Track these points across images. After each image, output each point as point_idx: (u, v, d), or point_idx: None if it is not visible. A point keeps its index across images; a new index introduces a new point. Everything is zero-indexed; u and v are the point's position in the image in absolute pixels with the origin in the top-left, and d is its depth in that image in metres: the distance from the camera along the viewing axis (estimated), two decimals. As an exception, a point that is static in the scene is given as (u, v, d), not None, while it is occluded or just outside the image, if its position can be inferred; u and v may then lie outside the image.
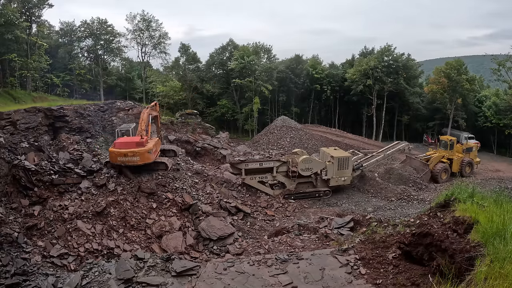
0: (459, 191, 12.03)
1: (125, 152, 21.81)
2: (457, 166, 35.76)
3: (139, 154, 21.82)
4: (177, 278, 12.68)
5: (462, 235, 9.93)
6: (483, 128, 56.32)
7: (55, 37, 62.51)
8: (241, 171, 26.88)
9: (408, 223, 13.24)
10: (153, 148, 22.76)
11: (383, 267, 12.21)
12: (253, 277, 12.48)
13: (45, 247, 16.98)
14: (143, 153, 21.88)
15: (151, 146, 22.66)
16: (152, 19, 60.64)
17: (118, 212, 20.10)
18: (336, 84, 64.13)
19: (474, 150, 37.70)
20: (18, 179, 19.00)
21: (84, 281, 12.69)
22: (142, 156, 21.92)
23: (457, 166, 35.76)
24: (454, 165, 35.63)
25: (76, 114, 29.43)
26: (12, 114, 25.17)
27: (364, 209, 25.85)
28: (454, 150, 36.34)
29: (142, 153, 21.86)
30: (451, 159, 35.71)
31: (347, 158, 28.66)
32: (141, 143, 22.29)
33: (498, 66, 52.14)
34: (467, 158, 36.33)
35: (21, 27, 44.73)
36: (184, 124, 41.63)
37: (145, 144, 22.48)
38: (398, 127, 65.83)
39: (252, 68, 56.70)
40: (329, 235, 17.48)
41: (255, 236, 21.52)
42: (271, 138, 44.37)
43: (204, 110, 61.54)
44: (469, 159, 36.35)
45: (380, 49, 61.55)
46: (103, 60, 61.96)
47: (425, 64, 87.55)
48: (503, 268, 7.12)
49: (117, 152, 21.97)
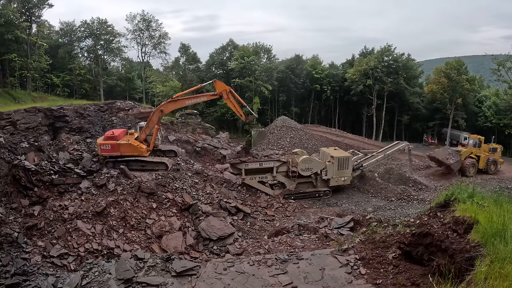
0: (459, 191, 12.03)
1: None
2: (483, 163, 37.44)
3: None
4: (177, 278, 12.67)
5: (462, 235, 9.92)
6: (483, 128, 56.31)
7: (55, 37, 62.45)
8: (241, 171, 26.88)
9: (408, 223, 13.23)
10: (101, 146, 24.54)
11: (383, 267, 12.20)
12: (253, 277, 12.47)
13: (45, 247, 16.98)
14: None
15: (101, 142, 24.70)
16: (152, 19, 60.74)
17: (118, 212, 20.09)
18: (336, 84, 64.14)
19: (499, 151, 39.57)
20: (18, 179, 19.00)
21: (84, 281, 12.69)
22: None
23: (483, 163, 37.44)
24: (481, 162, 37.34)
25: (76, 114, 29.40)
26: (12, 114, 25.16)
27: (364, 209, 25.84)
28: (481, 148, 38.19)
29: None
30: (479, 156, 37.40)
31: (347, 158, 28.65)
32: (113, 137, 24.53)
33: (498, 66, 52.15)
34: (492, 157, 38.04)
35: (21, 27, 44.75)
36: (184, 124, 41.61)
37: (117, 138, 24.51)
38: (398, 127, 65.84)
39: (252, 68, 56.72)
40: (329, 235, 17.46)
41: (255, 236, 21.51)
42: (271, 138, 44.37)
43: (204, 110, 61.51)
44: (494, 158, 38.13)
45: (380, 49, 61.62)
46: (103, 60, 61.95)
47: (425, 64, 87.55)
48: (503, 268, 7.13)
49: None
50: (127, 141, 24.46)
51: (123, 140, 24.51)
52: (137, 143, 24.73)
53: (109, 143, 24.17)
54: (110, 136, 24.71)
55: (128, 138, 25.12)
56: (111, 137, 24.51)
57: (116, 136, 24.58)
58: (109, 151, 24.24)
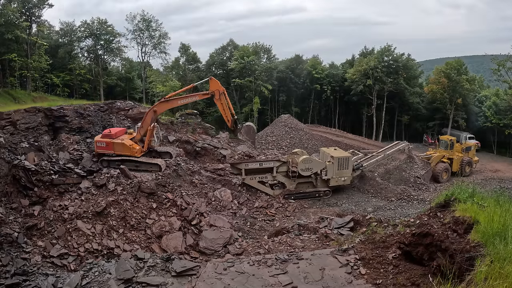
0: (459, 191, 12.02)
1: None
2: (457, 166, 35.96)
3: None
4: (177, 278, 12.68)
5: (462, 235, 9.92)
6: (483, 128, 56.30)
7: (55, 37, 62.42)
8: (241, 171, 26.87)
9: (408, 223, 13.23)
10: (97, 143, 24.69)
11: (383, 267, 12.20)
12: (253, 277, 12.47)
13: (45, 247, 16.98)
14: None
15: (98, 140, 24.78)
16: (152, 19, 60.75)
17: (118, 212, 20.07)
18: (336, 84, 64.16)
19: (473, 149, 38.02)
20: (18, 179, 19.00)
21: (84, 281, 12.69)
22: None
23: (457, 166, 35.96)
24: (454, 164, 35.81)
25: (76, 114, 29.34)
26: (12, 114, 25.10)
27: (364, 209, 25.82)
28: (454, 150, 36.50)
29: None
30: (451, 158, 35.83)
31: (347, 158, 28.64)
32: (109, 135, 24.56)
33: (498, 66, 52.13)
34: (466, 157, 36.49)
35: (21, 27, 44.67)
36: (184, 124, 41.56)
37: (113, 137, 24.53)
38: (398, 127, 65.83)
39: (252, 68, 56.75)
40: (329, 235, 17.45)
41: (255, 236, 21.51)
42: (270, 138, 44.37)
43: (204, 110, 61.53)
44: (468, 158, 36.54)
45: (380, 49, 61.66)
46: (103, 60, 61.88)
47: (425, 64, 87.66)
48: (503, 268, 7.12)
49: None
50: (120, 140, 24.42)
51: (117, 139, 24.49)
52: (131, 143, 24.64)
53: (105, 141, 24.29)
54: (106, 134, 24.80)
55: (123, 137, 25.02)
56: (107, 135, 24.60)
57: (112, 134, 24.62)
58: (103, 148, 24.35)
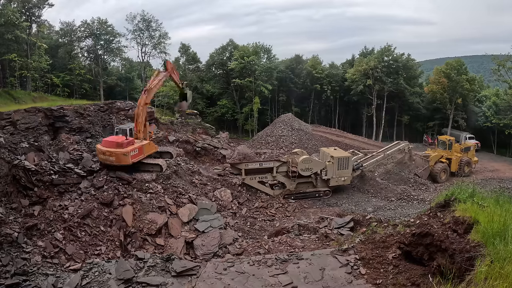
0: (459, 191, 12.03)
1: (104, 150, 22.32)
2: (456, 166, 35.86)
3: (115, 155, 22.04)
4: (177, 278, 12.68)
5: (462, 235, 9.92)
6: (483, 128, 56.23)
7: (55, 37, 62.40)
8: (241, 171, 26.87)
9: (408, 223, 13.23)
10: (131, 152, 22.32)
11: (383, 267, 12.20)
12: (253, 277, 12.47)
13: (45, 247, 16.97)
14: (119, 154, 22.01)
15: (130, 149, 22.32)
16: (152, 19, 60.75)
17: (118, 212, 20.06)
18: (336, 84, 64.10)
19: (472, 149, 37.85)
20: (18, 179, 18.99)
21: (84, 281, 12.69)
22: (117, 157, 22.05)
23: (456, 166, 35.86)
24: (453, 164, 35.73)
25: (76, 114, 29.36)
26: (12, 114, 25.10)
27: (364, 209, 25.84)
28: (452, 150, 36.41)
29: (117, 154, 22.01)
30: (450, 158, 35.75)
31: (347, 158, 28.65)
32: (120, 145, 22.33)
33: (498, 66, 52.09)
34: (465, 157, 36.37)
35: (21, 27, 44.65)
36: (184, 124, 41.63)
37: (125, 146, 22.37)
38: (398, 127, 65.77)
39: (252, 68, 56.72)
40: (329, 235, 17.47)
41: (255, 236, 21.52)
42: (270, 138, 44.36)
43: (204, 110, 61.50)
44: (467, 159, 36.40)
45: (380, 49, 61.61)
46: (103, 60, 61.87)
47: (425, 64, 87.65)
48: (503, 268, 7.12)
49: (99, 149, 22.76)
50: (144, 141, 24.11)
51: (139, 142, 23.64)
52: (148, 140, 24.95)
53: (136, 148, 22.77)
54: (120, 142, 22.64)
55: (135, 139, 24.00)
56: (126, 143, 22.67)
57: (124, 143, 22.67)
58: (137, 156, 22.91)
